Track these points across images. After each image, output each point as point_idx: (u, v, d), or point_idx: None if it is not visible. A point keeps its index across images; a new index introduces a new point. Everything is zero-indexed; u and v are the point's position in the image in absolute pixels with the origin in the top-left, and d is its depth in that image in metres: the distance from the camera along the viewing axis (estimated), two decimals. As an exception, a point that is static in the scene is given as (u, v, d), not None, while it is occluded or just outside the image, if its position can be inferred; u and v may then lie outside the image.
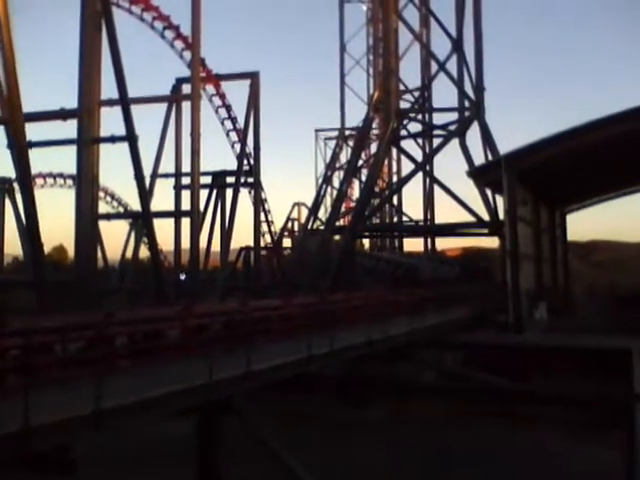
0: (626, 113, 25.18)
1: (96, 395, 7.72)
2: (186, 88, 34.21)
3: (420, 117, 39.37)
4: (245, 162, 37.31)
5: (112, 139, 23.07)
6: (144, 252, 36.01)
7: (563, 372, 19.99)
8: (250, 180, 38.00)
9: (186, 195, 32.26)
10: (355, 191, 50.94)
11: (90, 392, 7.75)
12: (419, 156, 38.75)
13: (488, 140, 33.94)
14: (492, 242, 36.11)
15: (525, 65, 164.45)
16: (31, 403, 6.93)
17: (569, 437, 16.07)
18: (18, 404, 6.84)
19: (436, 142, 37.83)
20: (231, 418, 11.14)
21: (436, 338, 21.61)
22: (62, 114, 24.01)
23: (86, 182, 21.90)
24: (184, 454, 11.90)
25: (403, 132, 37.77)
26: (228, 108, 38.98)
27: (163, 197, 36.83)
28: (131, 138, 22.83)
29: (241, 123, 37.81)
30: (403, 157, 42.78)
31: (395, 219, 45.49)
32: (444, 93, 38.32)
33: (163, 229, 33.58)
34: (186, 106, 32.80)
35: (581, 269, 50.52)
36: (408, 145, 38.93)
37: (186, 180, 32.91)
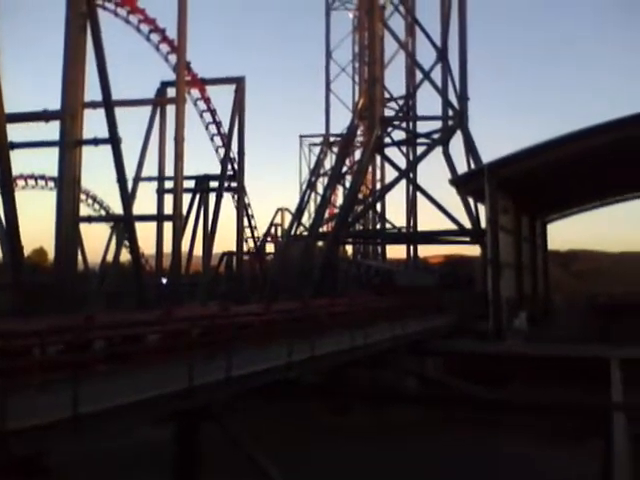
0: (607, 125, 25.51)
1: (73, 400, 7.65)
2: (171, 92, 34.06)
3: (404, 125, 39.59)
4: (229, 167, 37.20)
5: (95, 141, 22.86)
6: (125, 255, 35.74)
7: (542, 380, 20.11)
8: (234, 185, 37.88)
9: (169, 199, 32.08)
10: (339, 197, 50.98)
11: (68, 396, 7.68)
12: (403, 164, 38.94)
13: (471, 149, 34.19)
14: (474, 250, 36.30)
15: (509, 75, 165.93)
16: (8, 407, 6.85)
17: (548, 445, 16.16)
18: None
19: (420, 150, 38.08)
20: (210, 424, 11.08)
21: (416, 345, 21.68)
22: (44, 116, 23.75)
23: (68, 184, 21.66)
24: (162, 461, 11.81)
25: (387, 140, 37.95)
26: (213, 112, 38.86)
27: (145, 201, 36.63)
28: (114, 141, 22.66)
29: (226, 128, 37.74)
30: (387, 164, 42.92)
31: (378, 226, 45.60)
32: (428, 102, 38.64)
33: (145, 233, 33.39)
34: (170, 110, 32.66)
35: (561, 278, 50.96)
36: (392, 153, 39.14)
37: (169, 184, 32.70)
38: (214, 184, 36.17)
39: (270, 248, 49.98)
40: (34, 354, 9.38)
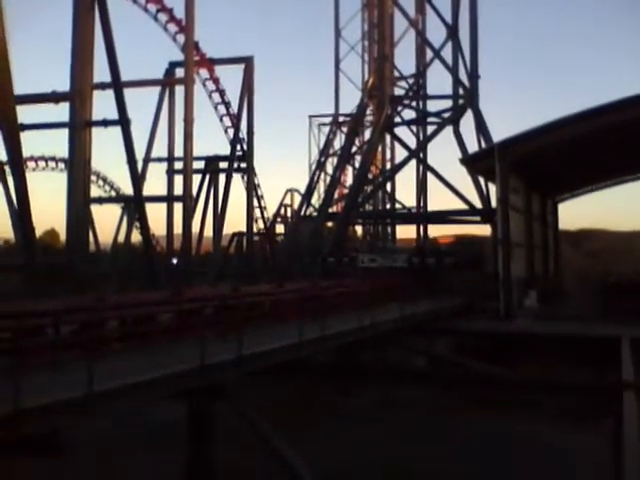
0: (618, 102, 25.20)
1: (87, 378, 7.73)
2: (179, 72, 33.98)
3: (414, 104, 39.30)
4: (238, 147, 37.17)
5: (104, 123, 22.92)
6: (136, 236, 35.96)
7: (553, 359, 20.11)
8: (243, 165, 37.88)
9: (179, 180, 32.16)
10: (348, 178, 50.89)
11: (81, 375, 7.76)
12: (413, 143, 38.76)
13: (482, 128, 33.90)
14: (485, 230, 36.13)
15: (521, 53, 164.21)
16: (22, 385, 6.93)
17: (558, 424, 16.21)
18: (9, 386, 6.84)
19: (430, 129, 37.86)
20: (222, 403, 11.18)
21: (426, 325, 21.73)
22: (54, 97, 23.79)
23: (78, 165, 21.77)
24: (175, 439, 11.96)
25: (397, 119, 37.72)
26: (222, 93, 38.75)
27: (155, 181, 36.74)
28: (124, 122, 22.70)
29: (235, 108, 37.66)
30: (397, 144, 42.70)
31: (388, 206, 45.49)
32: (439, 80, 38.30)
33: (155, 213, 33.54)
34: (179, 90, 32.61)
35: (572, 257, 50.68)
36: (402, 132, 38.96)
37: (179, 165, 32.75)
38: (224, 165, 36.18)
39: (280, 229, 50.05)
40: (47, 334, 9.50)
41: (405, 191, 67.15)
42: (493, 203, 30.34)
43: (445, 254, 34.33)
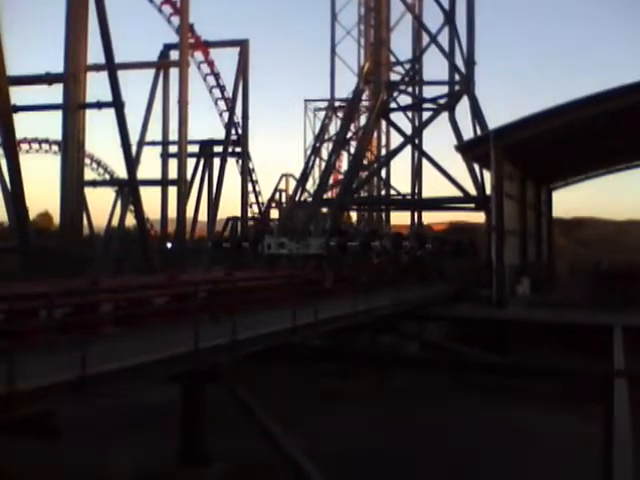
0: (614, 90, 25.20)
1: (81, 361, 7.73)
2: (174, 54, 33.75)
3: (410, 90, 39.13)
4: (233, 131, 37.05)
5: (98, 105, 22.76)
6: (130, 220, 35.87)
7: (544, 347, 20.24)
8: (238, 150, 37.79)
9: (173, 163, 32.05)
10: (343, 163, 50.80)
11: (75, 358, 7.76)
12: (408, 129, 38.60)
13: (477, 115, 33.82)
14: (479, 217, 36.16)
15: (518, 40, 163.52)
16: (16, 368, 6.93)
17: (549, 411, 16.33)
18: (3, 369, 6.84)
19: (426, 115, 37.75)
20: (215, 386, 11.22)
21: (418, 311, 21.84)
22: (47, 78, 23.62)
23: (72, 148, 21.62)
24: (168, 421, 12.00)
25: (393, 104, 37.56)
26: (217, 76, 38.59)
27: (150, 165, 36.61)
28: (117, 104, 22.57)
29: (230, 92, 37.50)
30: (392, 130, 42.56)
31: (383, 192, 45.45)
32: (435, 66, 38.11)
33: (150, 197, 33.48)
34: (174, 73, 32.40)
35: (565, 245, 50.95)
36: (398, 118, 38.76)
37: (173, 148, 32.63)
38: (218, 149, 36.10)
39: (275, 214, 50.00)
40: (41, 316, 9.49)
41: (400, 177, 67.26)
42: (488, 190, 30.35)
43: (377, 237, 29.52)
